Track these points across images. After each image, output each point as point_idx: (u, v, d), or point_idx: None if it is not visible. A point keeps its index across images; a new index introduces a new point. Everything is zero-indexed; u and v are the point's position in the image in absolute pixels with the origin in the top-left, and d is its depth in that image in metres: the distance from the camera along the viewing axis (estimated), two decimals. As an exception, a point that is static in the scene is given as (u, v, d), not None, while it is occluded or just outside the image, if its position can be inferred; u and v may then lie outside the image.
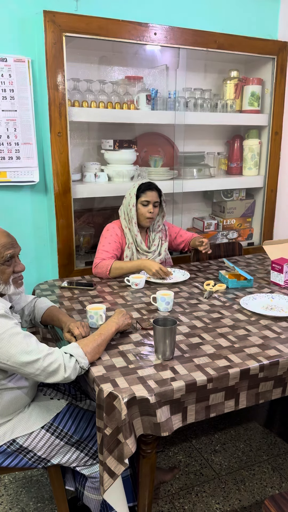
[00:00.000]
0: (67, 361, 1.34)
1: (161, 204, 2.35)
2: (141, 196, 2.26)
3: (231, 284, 2.10)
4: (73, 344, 1.41)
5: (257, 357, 1.46)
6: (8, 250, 1.41)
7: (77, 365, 1.35)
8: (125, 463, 1.26)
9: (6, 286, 1.44)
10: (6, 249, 1.41)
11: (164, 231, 2.44)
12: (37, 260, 2.54)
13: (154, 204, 2.27)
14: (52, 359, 1.31)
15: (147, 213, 2.26)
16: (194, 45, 2.54)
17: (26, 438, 1.45)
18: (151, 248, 2.36)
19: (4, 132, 2.26)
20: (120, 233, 2.31)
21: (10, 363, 1.28)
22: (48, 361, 1.31)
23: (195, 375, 1.34)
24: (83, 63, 2.54)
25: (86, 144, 2.70)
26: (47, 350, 1.33)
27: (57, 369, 1.32)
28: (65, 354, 1.35)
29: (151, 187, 2.28)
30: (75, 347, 1.39)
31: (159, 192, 2.31)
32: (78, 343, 1.41)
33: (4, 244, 1.41)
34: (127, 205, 2.30)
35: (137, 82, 2.63)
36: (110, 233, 2.29)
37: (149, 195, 2.26)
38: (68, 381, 1.36)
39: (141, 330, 1.66)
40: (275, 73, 2.86)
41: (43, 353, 1.31)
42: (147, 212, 2.26)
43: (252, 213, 3.22)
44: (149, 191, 2.26)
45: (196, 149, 3.02)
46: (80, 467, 1.53)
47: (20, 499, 1.92)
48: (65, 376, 1.33)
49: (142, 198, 2.26)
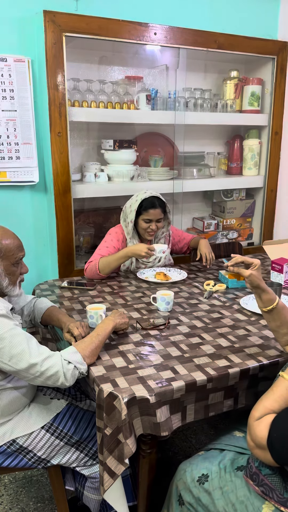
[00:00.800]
0: (65, 367, 1.32)
1: (166, 214, 2.27)
2: (143, 214, 2.17)
3: (231, 284, 2.10)
4: (71, 349, 1.38)
5: (257, 357, 1.46)
6: (20, 252, 1.45)
7: (75, 371, 1.34)
8: (125, 463, 1.26)
9: (14, 287, 1.46)
10: (19, 251, 1.44)
11: (168, 236, 2.40)
12: (37, 260, 2.54)
13: (157, 220, 2.20)
14: (50, 364, 1.30)
15: (149, 229, 2.20)
16: (194, 45, 2.54)
17: (26, 438, 1.45)
18: (150, 258, 2.33)
19: (4, 132, 2.26)
20: (122, 238, 2.26)
21: (11, 364, 1.28)
22: (47, 366, 1.30)
23: (195, 375, 1.34)
24: (83, 63, 2.54)
25: (86, 144, 2.70)
26: (47, 353, 1.32)
27: (55, 374, 1.31)
28: (64, 361, 1.33)
29: (155, 205, 2.15)
30: (73, 352, 1.37)
31: (163, 207, 2.21)
32: (76, 347, 1.39)
33: (17, 246, 1.43)
34: (125, 217, 2.24)
35: (137, 82, 2.63)
36: (111, 238, 2.27)
37: (151, 214, 2.16)
38: (66, 387, 1.36)
39: (141, 330, 1.66)
40: (275, 73, 2.86)
41: (42, 357, 1.30)
42: (149, 228, 2.19)
43: (252, 213, 3.22)
44: (152, 210, 2.15)
45: (196, 149, 3.02)
46: (80, 467, 1.53)
47: (20, 499, 1.92)
48: (63, 382, 1.32)
49: (144, 216, 2.17)
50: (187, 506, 1.28)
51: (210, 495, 1.23)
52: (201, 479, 1.27)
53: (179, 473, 1.35)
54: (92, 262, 2.18)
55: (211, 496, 1.23)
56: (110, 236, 2.28)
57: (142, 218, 2.19)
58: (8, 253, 1.40)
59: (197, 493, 1.26)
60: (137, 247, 2.09)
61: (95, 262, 2.17)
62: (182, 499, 1.30)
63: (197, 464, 1.33)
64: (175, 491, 1.34)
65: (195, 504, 1.26)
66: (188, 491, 1.28)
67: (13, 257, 1.42)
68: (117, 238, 2.26)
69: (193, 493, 1.27)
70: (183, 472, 1.33)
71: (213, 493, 1.23)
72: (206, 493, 1.24)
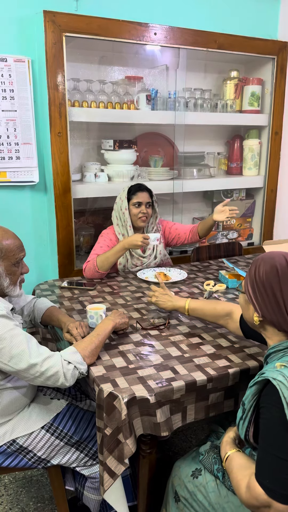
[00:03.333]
0: (65, 368, 1.32)
1: (153, 205, 2.32)
2: (132, 198, 2.24)
3: (231, 284, 2.10)
4: (71, 349, 1.38)
5: (257, 357, 1.46)
6: (21, 252, 1.45)
7: (75, 371, 1.34)
8: (125, 463, 1.26)
9: (14, 287, 1.46)
10: (19, 251, 1.44)
11: (158, 231, 2.42)
12: (37, 260, 2.54)
13: (147, 204, 2.25)
14: (50, 364, 1.30)
15: (140, 214, 2.24)
16: (194, 45, 2.54)
17: (26, 438, 1.45)
18: (146, 253, 2.34)
19: (4, 132, 2.26)
20: (115, 238, 2.28)
21: (11, 364, 1.28)
22: (46, 366, 1.30)
23: (195, 375, 1.34)
24: (83, 63, 2.54)
25: (86, 144, 2.70)
26: (47, 354, 1.32)
27: (55, 375, 1.31)
28: (64, 361, 1.33)
29: (142, 188, 2.26)
30: (73, 352, 1.36)
31: (150, 192, 2.29)
32: (76, 347, 1.38)
33: (18, 246, 1.44)
34: (119, 210, 2.28)
35: (137, 82, 2.63)
36: (104, 239, 2.29)
37: (140, 196, 2.24)
38: (66, 387, 1.36)
39: (141, 330, 1.66)
40: (275, 73, 2.86)
41: (42, 357, 1.30)
42: (140, 212, 2.24)
43: (252, 213, 3.22)
44: (139, 192, 2.24)
45: (196, 149, 3.02)
46: (80, 467, 1.53)
47: (20, 499, 1.92)
48: (63, 383, 1.32)
49: (134, 200, 2.24)
50: (183, 502, 1.29)
51: (204, 488, 1.24)
52: (194, 473, 1.28)
53: (174, 470, 1.36)
54: (89, 262, 2.19)
55: (205, 489, 1.23)
56: (103, 238, 2.30)
57: (132, 203, 2.25)
58: (9, 253, 1.40)
59: (192, 487, 1.27)
60: (133, 237, 2.12)
61: (92, 261, 2.18)
62: (177, 495, 1.31)
63: (190, 460, 1.34)
64: (171, 489, 1.35)
65: (190, 499, 1.27)
66: (183, 487, 1.29)
67: (13, 257, 1.42)
68: (109, 238, 2.28)
69: (188, 488, 1.27)
70: (178, 469, 1.35)
71: (206, 486, 1.24)
72: (200, 486, 1.25)
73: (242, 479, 1.05)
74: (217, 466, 1.26)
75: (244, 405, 1.10)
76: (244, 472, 1.06)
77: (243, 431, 1.10)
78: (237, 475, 1.07)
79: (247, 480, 1.03)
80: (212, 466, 1.26)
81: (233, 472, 1.10)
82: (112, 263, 2.18)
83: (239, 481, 1.05)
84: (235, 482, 1.07)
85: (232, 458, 1.14)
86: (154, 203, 2.33)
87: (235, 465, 1.11)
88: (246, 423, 1.09)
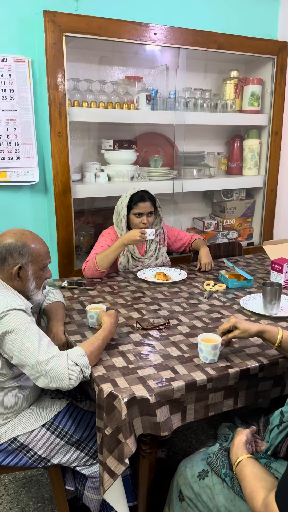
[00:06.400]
0: (71, 369, 1.31)
1: (156, 209, 2.30)
2: (133, 208, 2.21)
3: (231, 284, 2.10)
4: (79, 350, 1.37)
5: (257, 357, 1.46)
6: (48, 258, 1.51)
7: (80, 375, 1.34)
8: (125, 463, 1.26)
9: (38, 291, 1.51)
10: (47, 257, 1.50)
11: (163, 234, 2.41)
12: (37, 260, 2.54)
13: (148, 214, 2.23)
14: (56, 363, 1.30)
15: (141, 224, 2.21)
16: (194, 45, 2.54)
17: (27, 436, 1.46)
18: (147, 254, 2.34)
19: (4, 132, 2.26)
20: (116, 238, 2.27)
21: (20, 356, 1.29)
22: (52, 365, 1.30)
23: (195, 375, 1.34)
24: (83, 63, 2.54)
25: (86, 144, 2.70)
26: (55, 353, 1.32)
27: (59, 375, 1.30)
28: (71, 362, 1.32)
29: (144, 198, 2.20)
30: (82, 355, 1.35)
31: (153, 200, 2.25)
32: (84, 350, 1.37)
33: (46, 252, 1.50)
34: (117, 215, 2.26)
35: (137, 82, 2.63)
36: (104, 239, 2.28)
37: (141, 207, 2.20)
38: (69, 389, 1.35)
39: (141, 330, 1.66)
40: (275, 73, 2.86)
41: (49, 355, 1.30)
42: (141, 223, 2.21)
43: (252, 213, 3.22)
44: (141, 203, 2.20)
45: (196, 149, 3.02)
46: (80, 467, 1.54)
47: (20, 499, 1.92)
48: (67, 384, 1.31)
49: (135, 210, 2.21)
50: (187, 502, 1.28)
51: (210, 490, 1.23)
52: (201, 474, 1.28)
53: (180, 469, 1.36)
54: (89, 261, 2.19)
55: (212, 491, 1.23)
56: (104, 237, 2.29)
57: (133, 212, 2.22)
58: (38, 257, 1.46)
59: (197, 488, 1.26)
60: (130, 233, 2.12)
61: (92, 260, 2.18)
62: (182, 494, 1.31)
63: (197, 461, 1.34)
64: (176, 488, 1.35)
65: (195, 499, 1.26)
66: (189, 487, 1.29)
67: (42, 262, 1.48)
68: (110, 238, 2.28)
69: (194, 489, 1.27)
70: (184, 468, 1.34)
71: (213, 488, 1.23)
72: (206, 488, 1.24)
73: (257, 491, 1.01)
74: (224, 470, 1.24)
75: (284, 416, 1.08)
76: (259, 483, 1.02)
77: (276, 440, 1.08)
78: (251, 485, 1.04)
79: (264, 495, 0.98)
80: (220, 470, 1.24)
81: (245, 480, 1.07)
82: (112, 261, 2.18)
83: (254, 492, 1.01)
84: (248, 492, 1.03)
85: (245, 464, 1.11)
86: (158, 209, 2.30)
87: (248, 473, 1.08)
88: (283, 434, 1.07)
